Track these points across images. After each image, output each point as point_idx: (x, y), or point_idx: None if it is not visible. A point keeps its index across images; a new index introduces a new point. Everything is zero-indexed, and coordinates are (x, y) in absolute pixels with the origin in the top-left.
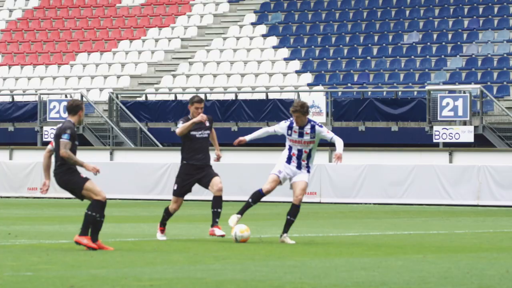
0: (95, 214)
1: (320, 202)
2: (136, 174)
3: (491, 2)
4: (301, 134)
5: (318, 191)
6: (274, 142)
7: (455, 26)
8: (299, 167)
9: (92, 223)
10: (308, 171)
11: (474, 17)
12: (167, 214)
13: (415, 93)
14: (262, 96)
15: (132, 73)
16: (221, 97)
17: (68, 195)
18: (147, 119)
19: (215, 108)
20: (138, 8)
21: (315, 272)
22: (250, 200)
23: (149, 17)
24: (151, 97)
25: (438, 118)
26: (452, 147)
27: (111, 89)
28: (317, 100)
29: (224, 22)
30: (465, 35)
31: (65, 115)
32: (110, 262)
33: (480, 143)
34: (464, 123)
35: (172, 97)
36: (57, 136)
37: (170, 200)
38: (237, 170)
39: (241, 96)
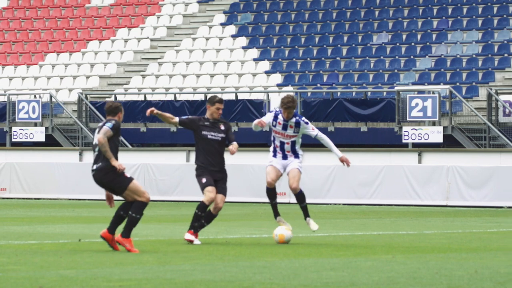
0: (138, 217)
1: (289, 203)
2: None
3: (460, 3)
4: (285, 127)
5: (288, 192)
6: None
7: (424, 27)
8: (285, 157)
9: (134, 224)
10: (296, 157)
11: (443, 17)
12: (202, 209)
13: (384, 93)
14: (231, 97)
15: (101, 73)
16: (190, 97)
17: (37, 195)
18: None
19: (185, 109)
20: (107, 9)
21: (285, 273)
22: (270, 201)
23: (119, 17)
24: (120, 98)
25: (407, 119)
26: (421, 147)
27: (80, 90)
28: None
29: (194, 22)
30: (434, 36)
31: (34, 115)
32: (79, 262)
33: (449, 143)
34: (433, 124)
35: (141, 98)
36: (100, 128)
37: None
38: None
39: None
